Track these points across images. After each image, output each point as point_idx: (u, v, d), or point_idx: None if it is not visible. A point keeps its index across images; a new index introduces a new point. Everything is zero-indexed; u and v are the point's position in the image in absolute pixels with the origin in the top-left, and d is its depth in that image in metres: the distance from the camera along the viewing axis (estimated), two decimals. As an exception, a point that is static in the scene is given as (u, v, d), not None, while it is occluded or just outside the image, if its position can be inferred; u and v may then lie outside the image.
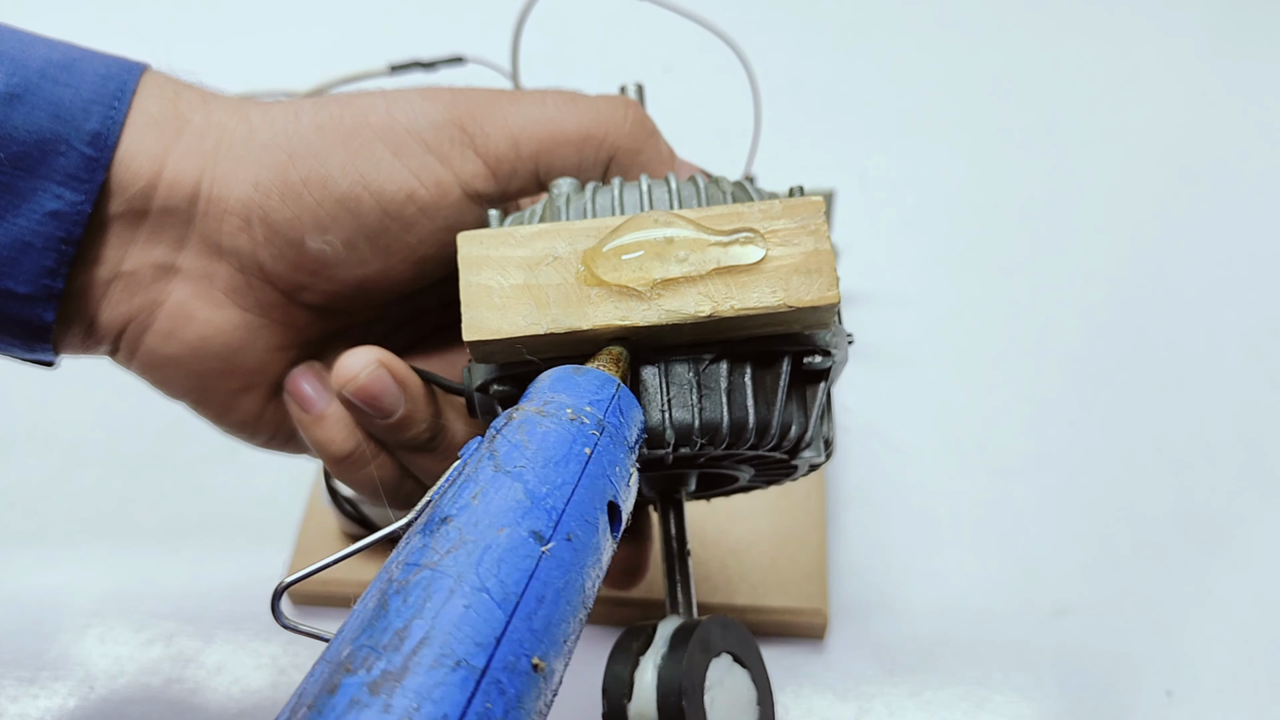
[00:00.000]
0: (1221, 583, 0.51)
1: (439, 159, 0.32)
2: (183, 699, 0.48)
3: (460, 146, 0.32)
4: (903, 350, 0.62)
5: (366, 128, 0.32)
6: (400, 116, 0.32)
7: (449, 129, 0.32)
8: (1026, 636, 0.49)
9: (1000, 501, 0.54)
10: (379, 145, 0.32)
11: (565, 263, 0.29)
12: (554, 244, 0.29)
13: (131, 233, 0.32)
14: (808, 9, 0.85)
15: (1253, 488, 0.54)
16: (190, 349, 0.34)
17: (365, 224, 0.32)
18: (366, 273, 0.34)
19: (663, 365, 0.30)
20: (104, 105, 0.31)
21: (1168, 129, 0.75)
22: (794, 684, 0.48)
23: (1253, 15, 0.83)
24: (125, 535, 0.55)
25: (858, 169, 0.72)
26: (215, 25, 0.84)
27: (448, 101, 0.33)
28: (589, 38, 0.80)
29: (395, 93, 0.33)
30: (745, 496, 0.52)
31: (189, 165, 0.32)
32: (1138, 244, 0.67)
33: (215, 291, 0.33)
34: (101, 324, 0.33)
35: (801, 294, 0.28)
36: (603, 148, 0.33)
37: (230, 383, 0.35)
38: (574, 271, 0.29)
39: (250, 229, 0.32)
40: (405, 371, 0.33)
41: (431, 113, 0.32)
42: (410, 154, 0.32)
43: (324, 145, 0.32)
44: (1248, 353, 0.60)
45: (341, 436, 0.34)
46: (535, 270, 0.29)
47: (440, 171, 0.32)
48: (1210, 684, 0.47)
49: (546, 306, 0.28)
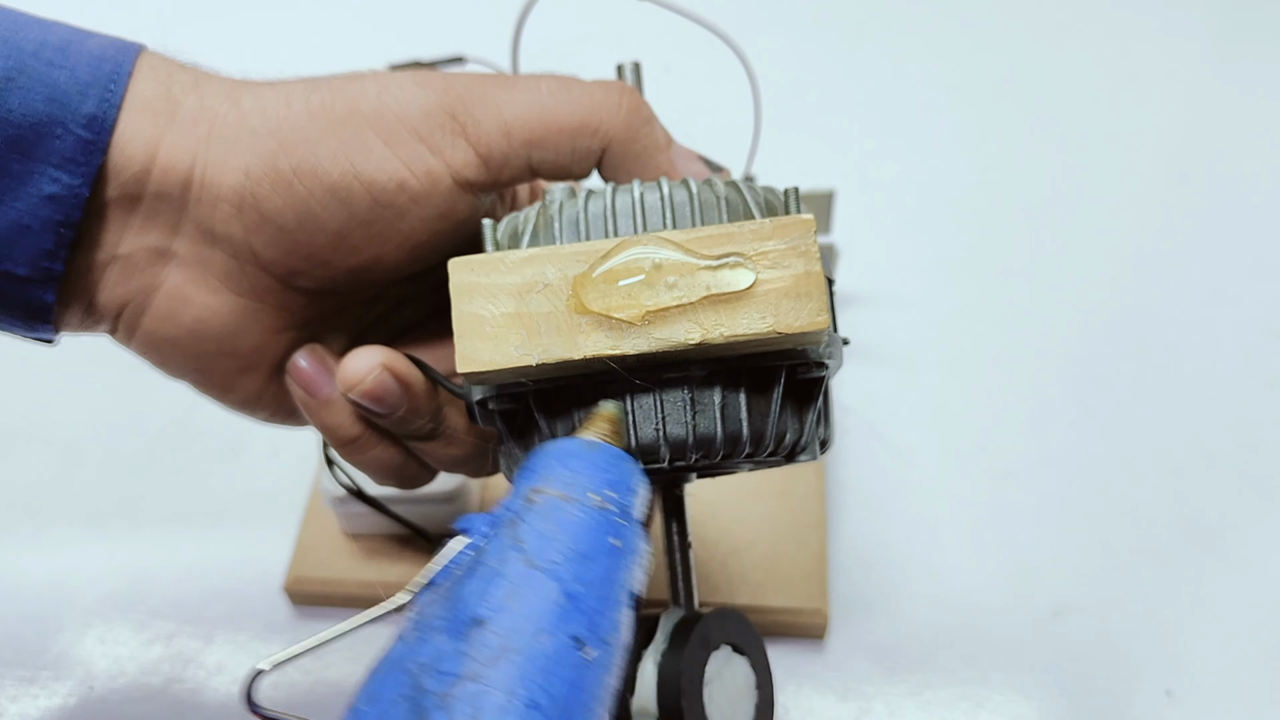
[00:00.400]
0: (1221, 583, 0.51)
1: (430, 148, 0.32)
2: (183, 699, 0.48)
3: (451, 135, 0.32)
4: (902, 351, 0.62)
5: (357, 115, 0.32)
6: (391, 104, 0.32)
7: (440, 117, 0.32)
8: (1026, 636, 0.49)
9: (1000, 502, 0.54)
10: (369, 133, 0.32)
11: (556, 290, 0.29)
12: (544, 270, 0.29)
13: (127, 217, 0.32)
14: (808, 9, 0.85)
15: (1252, 489, 0.54)
16: (187, 331, 0.34)
17: (356, 212, 0.32)
18: (360, 260, 0.33)
19: (657, 381, 0.30)
20: (100, 88, 0.30)
21: (1168, 131, 0.75)
22: (794, 684, 0.48)
23: (1253, 16, 0.83)
24: (126, 535, 0.55)
25: (858, 169, 0.72)
26: (215, 25, 0.84)
27: (439, 89, 0.32)
28: (589, 38, 0.80)
29: (387, 78, 0.33)
30: (746, 498, 0.52)
31: (182, 151, 0.32)
32: (1138, 246, 0.67)
33: (210, 277, 0.33)
34: (100, 305, 0.33)
35: (791, 320, 0.28)
36: (596, 137, 0.33)
37: (229, 364, 0.35)
38: (564, 298, 0.29)
39: (242, 216, 0.32)
40: (408, 371, 0.33)
41: (423, 100, 0.32)
42: (401, 143, 0.32)
43: (315, 133, 0.32)
44: (1247, 355, 0.61)
45: (348, 422, 0.34)
46: (526, 298, 0.29)
47: (431, 160, 0.32)
48: (1209, 684, 0.47)
49: (538, 336, 0.28)
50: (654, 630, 0.33)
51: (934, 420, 0.58)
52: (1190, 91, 0.78)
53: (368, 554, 0.51)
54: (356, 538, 0.52)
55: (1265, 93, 0.77)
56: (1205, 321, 0.62)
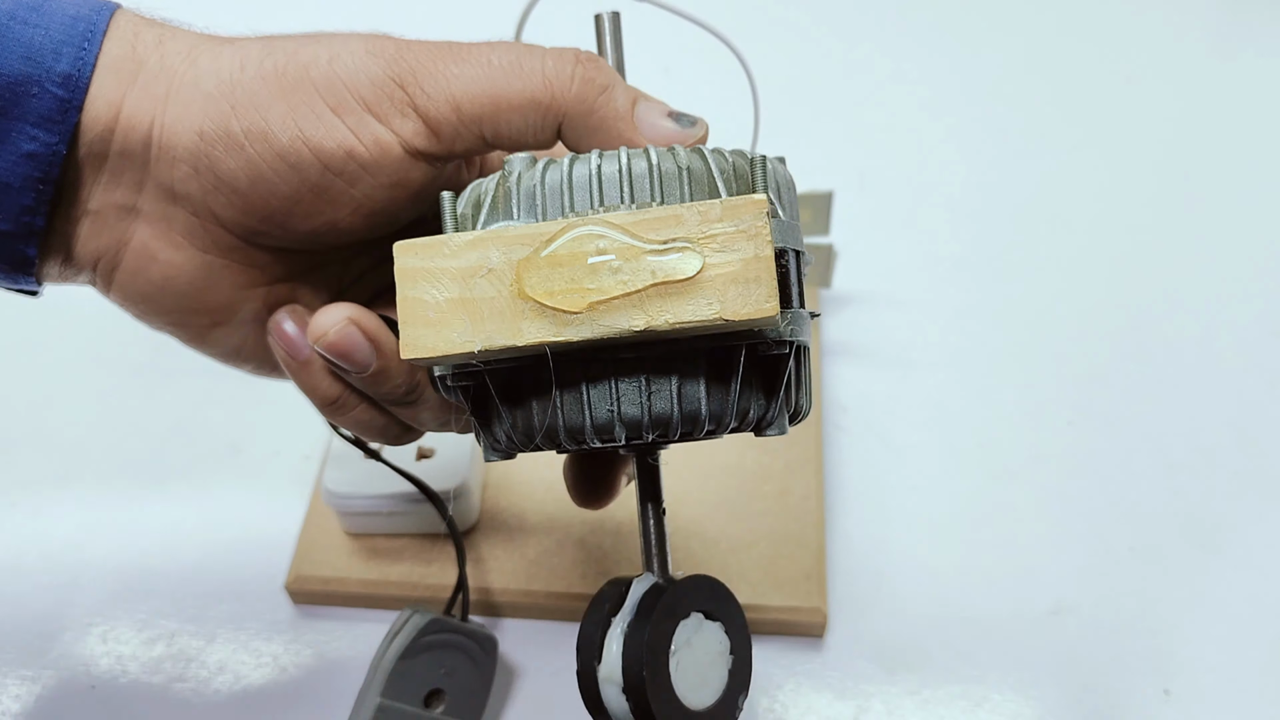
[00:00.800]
0: (1219, 582, 0.51)
1: (378, 118, 0.32)
2: (185, 698, 0.49)
3: (400, 105, 0.32)
4: (902, 351, 0.62)
5: (307, 81, 0.32)
6: (341, 71, 0.32)
7: (388, 87, 0.32)
8: (1025, 635, 0.49)
9: (999, 501, 0.54)
10: (319, 101, 0.32)
11: (500, 274, 0.28)
12: (488, 254, 0.28)
13: (96, 174, 0.32)
14: (808, 9, 0.85)
15: (1250, 487, 0.54)
16: (156, 287, 0.34)
17: (308, 178, 0.32)
18: (316, 224, 0.33)
19: (610, 361, 0.29)
20: (74, 46, 0.31)
21: (1166, 130, 0.75)
22: (793, 682, 0.48)
23: (1252, 17, 0.83)
24: (127, 534, 0.55)
25: (857, 169, 0.72)
26: (214, 25, 0.84)
27: (390, 58, 0.32)
28: (589, 38, 0.80)
29: (341, 42, 0.33)
30: (746, 498, 0.53)
31: (142, 111, 0.32)
32: (1136, 245, 0.68)
33: (174, 234, 0.33)
34: (76, 257, 0.33)
35: (738, 307, 0.27)
36: (550, 113, 0.32)
37: (201, 319, 0.35)
38: (508, 284, 0.28)
39: (199, 177, 0.32)
40: (378, 328, 0.33)
41: (371, 70, 0.32)
42: (348, 111, 0.32)
43: (266, 97, 0.32)
44: (1245, 353, 0.61)
45: (326, 384, 0.34)
46: (470, 283, 0.28)
47: (379, 130, 0.32)
48: (1208, 683, 0.47)
49: (481, 322, 0.28)
50: (624, 598, 0.33)
51: (933, 420, 0.58)
52: (1190, 91, 0.78)
53: (368, 553, 0.51)
54: (357, 537, 0.52)
55: (1265, 92, 0.77)
56: (1204, 321, 0.62)
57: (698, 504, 0.52)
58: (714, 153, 0.31)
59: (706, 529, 0.51)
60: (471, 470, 0.50)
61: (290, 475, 0.56)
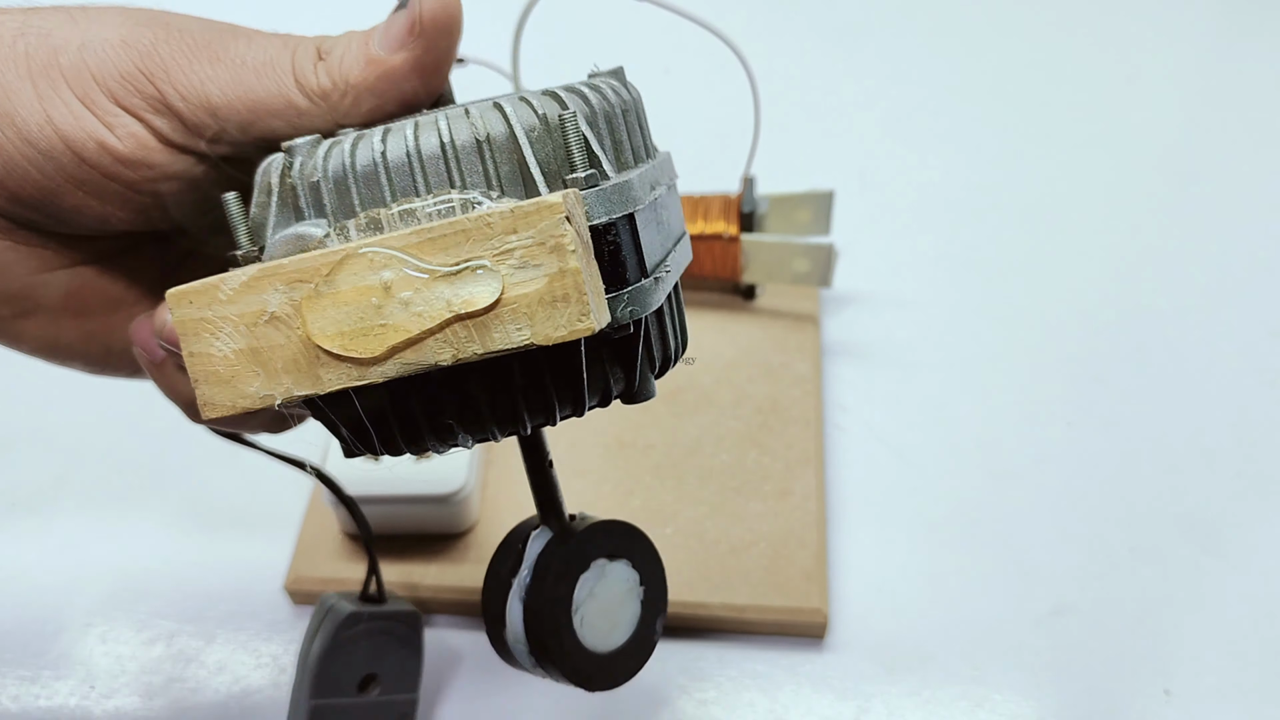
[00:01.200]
0: (1219, 582, 0.51)
1: (129, 112, 0.30)
2: (184, 698, 0.49)
3: (151, 101, 0.30)
4: (901, 351, 0.62)
5: (55, 68, 0.30)
6: (90, 61, 0.30)
7: (140, 82, 0.29)
8: (1025, 636, 0.49)
9: (999, 501, 0.54)
10: (66, 89, 0.30)
11: (284, 319, 0.25)
12: (266, 298, 0.25)
13: None
14: (808, 9, 0.85)
15: (1250, 488, 0.55)
16: None
17: (64, 167, 0.30)
18: (89, 216, 0.31)
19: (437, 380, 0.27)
20: None
21: (1167, 130, 0.75)
22: (793, 683, 0.48)
23: (1252, 16, 0.83)
24: (127, 535, 0.55)
25: (857, 169, 0.72)
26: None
27: (144, 51, 0.30)
28: (589, 38, 0.80)
29: (99, 26, 0.30)
30: (745, 498, 0.53)
31: None
32: (1136, 245, 0.68)
33: None
34: None
35: (550, 330, 0.24)
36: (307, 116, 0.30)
37: (3, 309, 0.33)
38: (296, 328, 0.25)
39: None
40: None
41: (122, 63, 0.29)
42: (97, 104, 0.30)
43: (14, 80, 0.30)
44: (1246, 354, 0.61)
45: (181, 382, 0.32)
46: (255, 331, 0.25)
47: (132, 125, 0.30)
48: (1208, 683, 0.47)
49: (275, 374, 0.25)
50: (522, 556, 0.32)
51: (933, 420, 0.58)
52: (1190, 91, 0.78)
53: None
54: (357, 537, 0.52)
55: (1265, 92, 0.77)
56: (1204, 321, 0.62)
57: (698, 504, 0.52)
58: (520, 102, 0.27)
59: (706, 529, 0.51)
60: (471, 471, 0.50)
61: (290, 475, 0.56)
